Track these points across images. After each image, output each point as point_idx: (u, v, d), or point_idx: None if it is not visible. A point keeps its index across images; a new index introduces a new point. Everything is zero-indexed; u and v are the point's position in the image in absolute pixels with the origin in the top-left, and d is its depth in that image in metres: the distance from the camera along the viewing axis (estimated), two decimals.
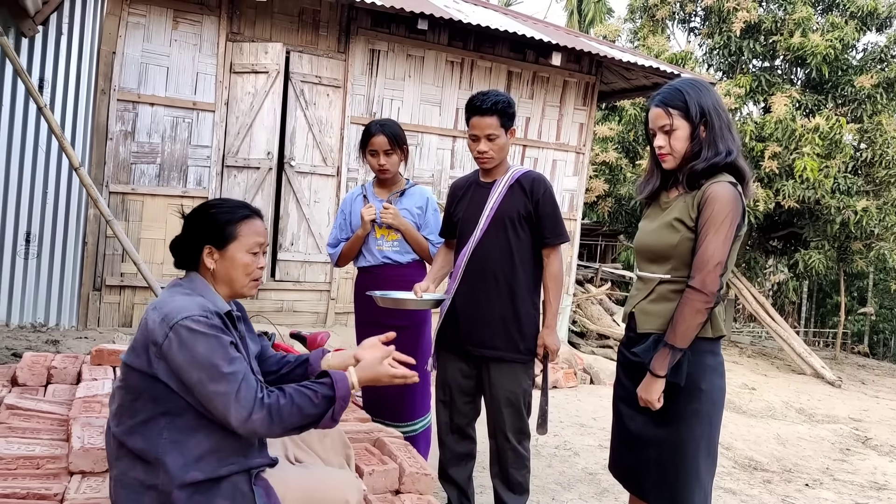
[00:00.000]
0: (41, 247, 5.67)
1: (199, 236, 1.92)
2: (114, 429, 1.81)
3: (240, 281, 1.93)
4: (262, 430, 1.73)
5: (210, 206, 1.97)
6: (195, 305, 1.78)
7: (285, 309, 6.60)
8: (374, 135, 3.17)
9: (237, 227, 1.91)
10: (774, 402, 7.37)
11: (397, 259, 3.24)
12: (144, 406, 1.77)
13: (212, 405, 1.73)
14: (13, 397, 2.86)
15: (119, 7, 5.85)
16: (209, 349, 1.72)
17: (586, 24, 21.02)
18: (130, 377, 1.80)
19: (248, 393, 1.72)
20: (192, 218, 1.96)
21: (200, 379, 1.71)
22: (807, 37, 10.28)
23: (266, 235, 1.98)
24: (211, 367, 1.71)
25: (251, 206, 2.00)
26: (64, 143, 5.02)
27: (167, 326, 1.74)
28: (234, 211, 1.93)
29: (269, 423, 1.72)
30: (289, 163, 6.52)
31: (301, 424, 1.78)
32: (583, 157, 8.10)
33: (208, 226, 1.92)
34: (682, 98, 2.11)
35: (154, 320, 1.76)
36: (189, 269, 1.96)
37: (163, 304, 1.81)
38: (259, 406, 1.72)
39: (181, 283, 1.93)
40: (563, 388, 6.28)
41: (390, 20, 6.83)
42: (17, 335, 5.23)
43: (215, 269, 1.91)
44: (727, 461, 4.81)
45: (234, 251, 1.90)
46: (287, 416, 1.75)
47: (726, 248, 2.03)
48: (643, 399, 2.10)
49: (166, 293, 1.88)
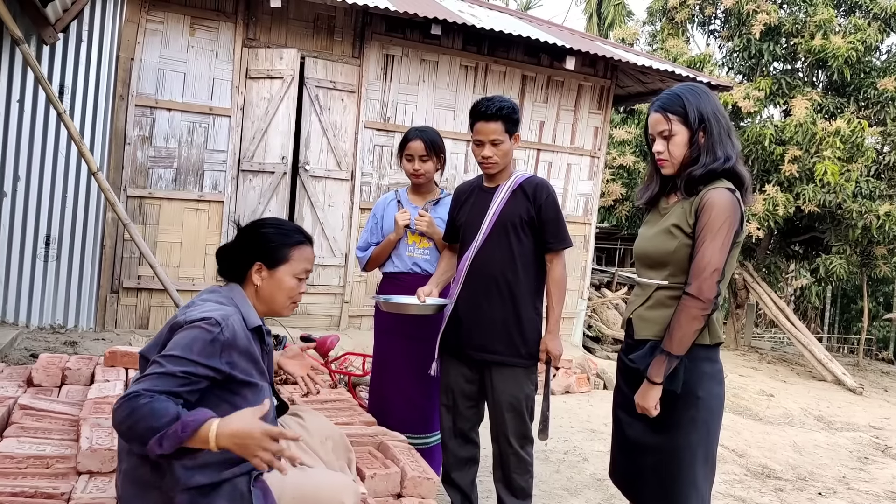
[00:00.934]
0: (60, 249, 5.78)
1: (252, 252, 1.96)
2: None
3: (281, 302, 1.99)
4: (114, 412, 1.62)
5: (268, 224, 2.01)
6: (219, 313, 1.81)
7: (299, 312, 6.65)
8: (411, 139, 3.18)
9: (291, 251, 1.96)
10: (792, 408, 7.28)
11: (426, 268, 3.23)
12: None
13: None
14: (27, 398, 2.92)
15: (137, 14, 5.95)
16: (191, 339, 1.73)
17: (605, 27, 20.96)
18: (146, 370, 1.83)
19: (160, 381, 1.65)
20: (247, 232, 2.00)
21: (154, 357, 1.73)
22: (828, 39, 10.15)
23: (313, 263, 2.04)
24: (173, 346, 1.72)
25: (305, 232, 2.05)
26: (83, 148, 5.12)
27: (185, 321, 1.79)
28: (291, 235, 1.99)
29: (118, 407, 1.60)
30: (303, 167, 6.58)
31: (129, 424, 1.59)
32: (598, 161, 8.07)
33: (264, 244, 1.96)
34: (681, 103, 2.11)
35: (181, 317, 1.82)
36: (231, 280, 1.99)
37: (194, 305, 1.86)
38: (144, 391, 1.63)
39: (220, 290, 1.97)
40: (575, 393, 6.25)
41: (404, 25, 6.87)
42: (36, 336, 5.34)
43: (261, 287, 1.96)
44: (739, 468, 4.76)
45: (282, 273, 1.96)
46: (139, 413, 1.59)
47: (723, 255, 2.01)
48: (640, 406, 2.10)
49: (204, 296, 1.93)
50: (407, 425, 3.11)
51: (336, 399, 3.30)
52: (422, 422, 3.23)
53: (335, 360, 4.38)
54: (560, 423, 5.16)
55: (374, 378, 3.40)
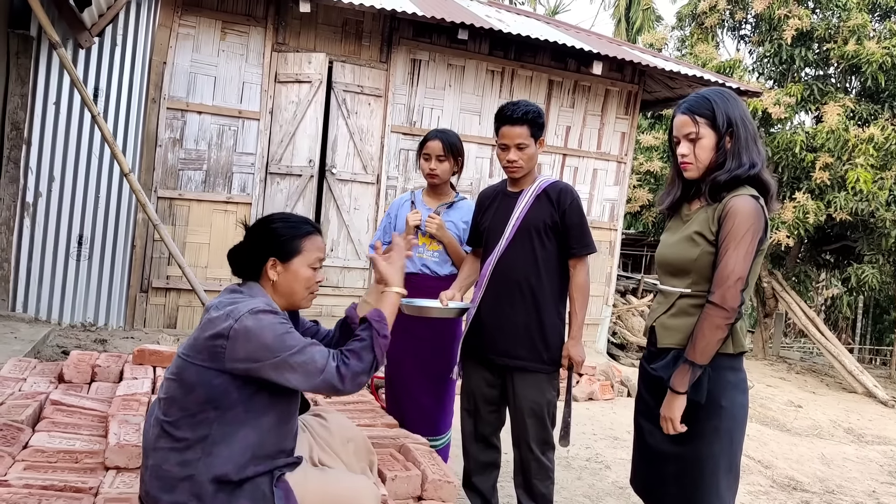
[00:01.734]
0: (92, 249, 5.91)
1: (264, 248, 1.98)
2: (160, 416, 1.88)
3: (299, 293, 2.00)
4: (337, 378, 1.85)
5: (275, 219, 2.04)
6: (263, 302, 1.89)
7: (324, 314, 6.70)
8: (430, 139, 3.20)
9: (302, 242, 1.98)
10: (821, 420, 7.15)
11: (435, 270, 3.24)
12: (197, 399, 1.84)
13: (289, 375, 1.83)
14: (58, 393, 2.99)
15: (170, 19, 6.07)
16: (275, 333, 1.82)
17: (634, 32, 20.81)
18: (188, 371, 1.86)
19: (316, 353, 1.85)
20: (256, 230, 2.03)
21: (275, 363, 1.81)
22: (862, 44, 9.96)
23: (325, 251, 2.06)
24: (281, 347, 1.81)
25: (313, 222, 2.08)
26: (115, 150, 5.23)
27: (234, 319, 1.81)
28: (299, 226, 2.01)
29: (345, 367, 1.86)
30: (330, 170, 6.65)
31: (366, 363, 1.91)
32: (624, 167, 8.02)
33: (274, 239, 1.98)
34: (709, 107, 2.08)
35: (218, 316, 1.84)
36: (247, 279, 2.02)
37: (225, 304, 1.88)
38: (332, 358, 1.86)
39: (240, 289, 1.99)
40: (599, 401, 6.21)
41: (432, 30, 6.91)
42: (67, 334, 5.45)
43: (277, 281, 1.98)
44: (765, 479, 4.69)
45: (297, 265, 1.97)
46: (354, 358, 1.90)
47: (747, 263, 1.99)
48: (666, 417, 2.07)
49: (227, 296, 1.95)
50: (415, 427, 3.11)
51: (358, 401, 3.32)
52: (430, 424, 3.24)
53: None
54: (583, 429, 5.14)
55: (387, 379, 3.42)
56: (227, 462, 1.81)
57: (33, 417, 2.71)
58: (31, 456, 2.31)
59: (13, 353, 4.18)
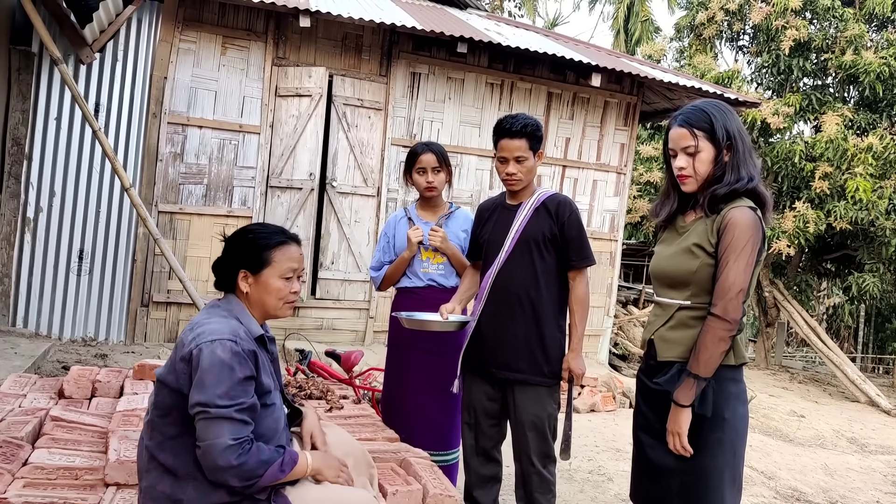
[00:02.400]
0: (93, 264, 5.91)
1: (236, 260, 1.98)
2: (146, 442, 1.88)
3: (272, 305, 1.98)
4: (220, 457, 1.75)
5: (248, 231, 2.03)
6: (228, 329, 1.84)
7: (325, 327, 6.70)
8: (421, 153, 3.21)
9: (272, 253, 1.96)
10: (824, 430, 7.12)
11: (442, 283, 3.24)
12: (175, 422, 1.84)
13: (197, 424, 1.78)
14: (58, 409, 2.98)
15: (171, 34, 6.11)
16: (218, 378, 1.77)
17: (633, 44, 20.91)
18: (162, 393, 1.87)
19: (231, 425, 1.75)
20: (230, 242, 2.03)
21: (198, 400, 1.76)
22: (860, 54, 10.02)
23: (301, 261, 2.03)
24: (210, 392, 1.76)
25: (288, 231, 2.05)
26: (116, 164, 5.25)
27: (195, 345, 1.81)
28: (271, 237, 1.98)
29: (233, 452, 1.74)
30: (330, 183, 6.66)
31: (252, 471, 1.78)
32: (624, 178, 8.04)
33: (244, 251, 1.98)
34: (707, 120, 2.08)
35: (188, 339, 1.84)
36: (227, 291, 2.02)
37: (198, 325, 1.88)
38: (233, 437, 1.75)
39: (219, 304, 1.99)
40: (601, 412, 6.19)
41: (431, 44, 6.95)
42: (68, 349, 5.45)
43: (249, 293, 1.97)
44: (768, 491, 4.66)
45: (267, 276, 1.96)
46: (250, 455, 1.77)
47: (748, 275, 1.99)
48: (672, 431, 2.06)
49: (204, 314, 1.95)
50: (425, 442, 3.08)
51: (359, 414, 3.31)
52: (440, 439, 3.22)
53: (359, 376, 4.40)
54: (585, 442, 5.12)
55: (387, 393, 3.41)
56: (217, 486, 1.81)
57: (33, 434, 2.70)
58: (30, 473, 2.30)
59: (13, 368, 4.17)
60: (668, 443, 2.08)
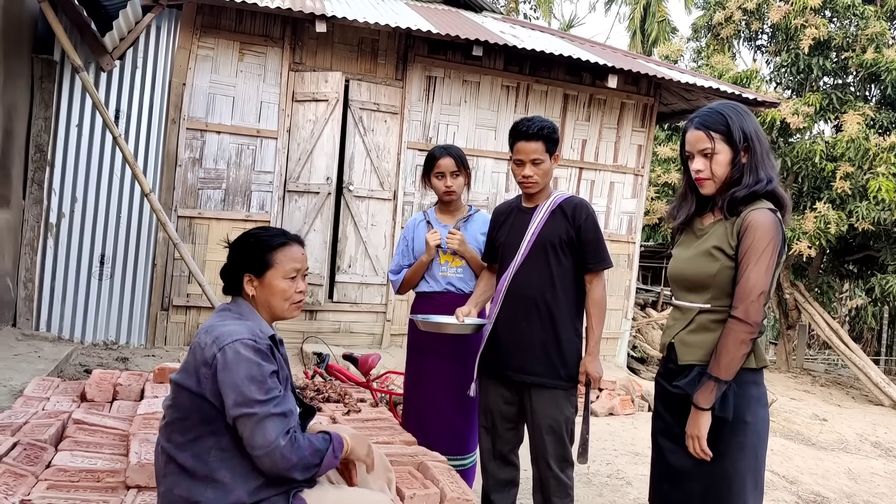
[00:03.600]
0: (114, 268, 5.99)
1: (240, 264, 2.00)
2: (164, 444, 1.90)
3: (279, 306, 2.00)
4: (281, 458, 1.80)
5: (249, 235, 2.05)
6: (245, 329, 1.87)
7: (342, 330, 6.73)
8: (439, 157, 3.21)
9: (274, 255, 1.98)
10: (847, 434, 7.01)
11: (461, 287, 3.23)
12: (194, 424, 1.86)
13: (241, 427, 1.80)
14: (81, 412, 3.02)
15: (189, 41, 6.17)
16: (249, 374, 1.80)
17: (649, 44, 20.79)
18: (181, 396, 1.89)
19: (278, 421, 1.80)
20: (233, 247, 2.05)
21: (236, 401, 1.79)
22: (881, 52, 9.88)
23: (304, 261, 2.04)
24: (247, 391, 1.79)
25: (289, 233, 2.07)
26: (136, 170, 5.32)
27: (217, 348, 1.83)
28: (272, 239, 2.01)
29: (290, 447, 1.80)
30: (347, 187, 6.69)
31: (311, 462, 1.86)
32: (641, 179, 7.99)
33: (247, 254, 2.00)
34: (723, 122, 2.07)
35: (206, 342, 1.86)
36: (235, 295, 2.04)
37: (214, 328, 1.90)
38: (283, 435, 1.80)
39: (229, 307, 2.01)
40: (619, 416, 6.15)
41: (446, 47, 6.96)
42: (89, 352, 5.52)
43: (255, 296, 1.99)
44: (790, 496, 4.60)
45: (271, 278, 1.98)
46: (303, 444, 1.84)
47: (769, 278, 1.97)
48: (692, 435, 2.05)
49: (216, 318, 1.97)
50: (443, 446, 3.07)
51: (377, 418, 3.32)
52: (457, 443, 3.21)
53: (376, 379, 4.42)
54: (603, 445, 5.09)
55: (407, 397, 3.41)
56: (235, 488, 1.83)
57: (56, 436, 2.74)
58: (53, 475, 2.33)
59: (37, 372, 4.23)
60: (688, 446, 2.07)
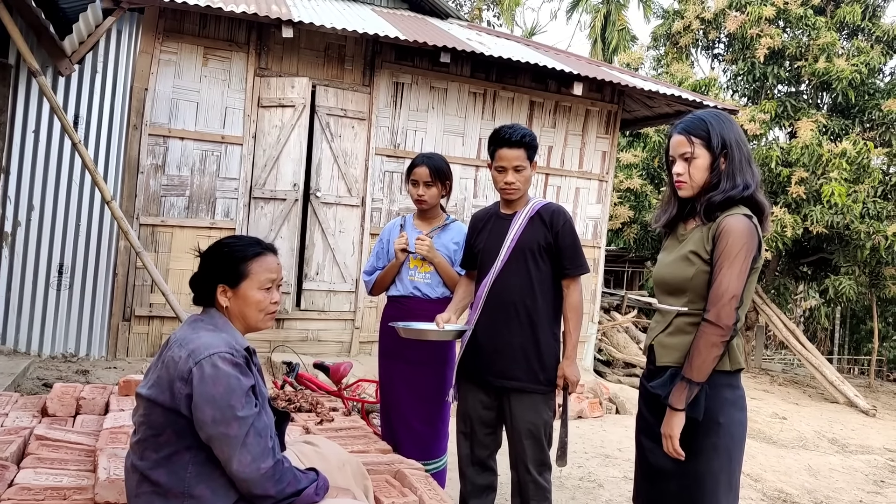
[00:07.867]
0: (73, 278, 5.81)
1: (213, 275, 1.95)
2: (136, 462, 1.85)
3: (254, 317, 1.96)
4: (261, 481, 1.75)
5: (223, 244, 2.00)
6: (222, 342, 1.82)
7: (310, 338, 6.65)
8: (417, 165, 3.25)
9: (249, 266, 1.93)
10: (806, 431, 7.20)
11: (427, 292, 3.25)
12: (169, 441, 1.81)
13: (218, 446, 1.75)
14: (43, 428, 2.91)
15: (151, 45, 6.05)
16: (228, 390, 1.75)
17: (610, 52, 21.14)
18: (153, 412, 1.83)
19: (257, 440, 1.75)
20: (206, 256, 1.99)
21: (214, 418, 1.74)
22: (832, 62, 10.23)
23: (279, 271, 2.00)
24: (226, 407, 1.74)
25: (264, 242, 2.02)
26: (97, 177, 5.18)
27: (193, 362, 1.78)
28: (246, 249, 1.96)
29: (272, 476, 1.76)
30: (314, 194, 6.63)
31: (291, 491, 1.81)
32: (606, 185, 8.10)
33: (221, 264, 1.94)
34: (704, 128, 2.13)
35: (180, 356, 1.80)
36: (207, 306, 1.99)
37: (188, 341, 1.84)
38: (269, 456, 1.76)
39: (202, 318, 1.96)
40: (588, 418, 6.21)
41: (413, 54, 6.96)
42: (48, 365, 5.34)
43: (229, 307, 1.94)
44: (755, 493, 4.70)
45: (245, 289, 1.93)
46: (287, 476, 1.79)
47: (741, 281, 2.02)
48: (666, 435, 2.09)
49: (188, 329, 1.91)
50: (409, 452, 3.08)
51: (350, 427, 3.28)
52: (423, 448, 3.22)
53: (348, 388, 4.37)
54: (574, 448, 5.13)
55: (382, 403, 3.41)
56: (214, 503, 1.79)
57: (18, 454, 2.64)
58: (17, 494, 2.24)
59: None
60: (663, 445, 2.11)
